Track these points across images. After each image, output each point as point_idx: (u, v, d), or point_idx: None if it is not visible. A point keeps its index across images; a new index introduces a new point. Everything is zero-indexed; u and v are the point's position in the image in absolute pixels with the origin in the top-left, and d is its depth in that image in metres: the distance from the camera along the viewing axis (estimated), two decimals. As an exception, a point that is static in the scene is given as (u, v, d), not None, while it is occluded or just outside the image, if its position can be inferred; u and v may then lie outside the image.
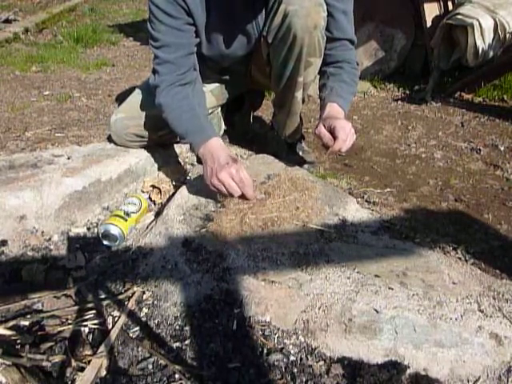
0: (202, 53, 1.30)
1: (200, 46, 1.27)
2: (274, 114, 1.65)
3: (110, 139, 1.51)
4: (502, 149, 1.77)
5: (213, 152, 1.13)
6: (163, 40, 1.18)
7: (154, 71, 1.23)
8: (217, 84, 1.52)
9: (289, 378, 0.79)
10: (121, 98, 2.19)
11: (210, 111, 1.53)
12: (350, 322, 0.85)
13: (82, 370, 0.79)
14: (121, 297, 0.97)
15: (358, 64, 1.35)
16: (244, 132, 1.84)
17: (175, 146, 1.57)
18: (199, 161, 1.26)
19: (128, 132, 1.41)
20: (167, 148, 1.54)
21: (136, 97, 1.44)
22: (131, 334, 0.88)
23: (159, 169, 1.50)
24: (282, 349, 0.84)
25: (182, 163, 1.54)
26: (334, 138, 1.15)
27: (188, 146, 1.24)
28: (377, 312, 0.86)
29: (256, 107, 1.88)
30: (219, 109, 1.62)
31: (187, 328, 0.89)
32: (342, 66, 1.31)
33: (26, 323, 0.88)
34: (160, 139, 1.45)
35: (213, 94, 1.51)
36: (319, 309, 0.88)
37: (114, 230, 1.12)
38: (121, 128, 1.41)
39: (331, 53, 1.29)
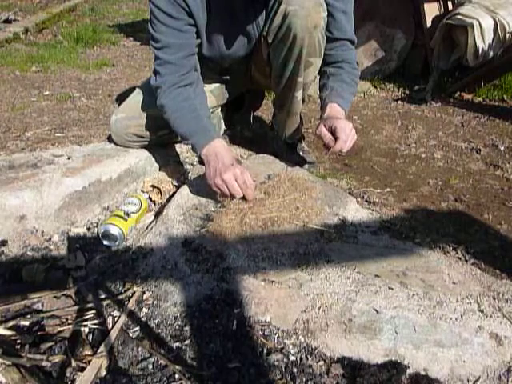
0: (202, 54, 1.30)
1: (200, 46, 1.27)
2: (274, 114, 1.65)
3: (110, 139, 1.51)
4: (502, 149, 1.77)
5: (217, 153, 1.13)
6: (164, 41, 1.18)
7: (155, 72, 1.23)
8: (217, 84, 1.52)
9: (289, 378, 0.79)
10: (121, 98, 2.19)
11: (210, 111, 1.53)
12: (350, 322, 0.85)
13: (82, 370, 0.79)
14: (121, 297, 0.97)
15: (358, 64, 1.36)
16: (244, 132, 1.84)
17: (175, 146, 1.57)
18: (201, 162, 1.27)
19: (128, 132, 1.41)
20: (167, 148, 1.54)
21: (136, 97, 1.44)
22: (131, 334, 0.88)
23: (159, 169, 1.50)
24: (282, 349, 0.84)
25: (182, 163, 1.54)
26: (335, 138, 1.15)
27: (189, 146, 1.24)
28: (377, 312, 0.86)
29: (256, 107, 1.88)
30: (219, 109, 1.62)
31: (187, 328, 0.89)
32: (342, 66, 1.31)
33: (26, 323, 0.88)
34: (160, 139, 1.45)
35: (213, 94, 1.51)
36: (319, 309, 0.88)
37: (114, 230, 1.12)
38: (121, 128, 1.41)
39: (331, 53, 1.29)
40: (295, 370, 0.80)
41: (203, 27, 1.22)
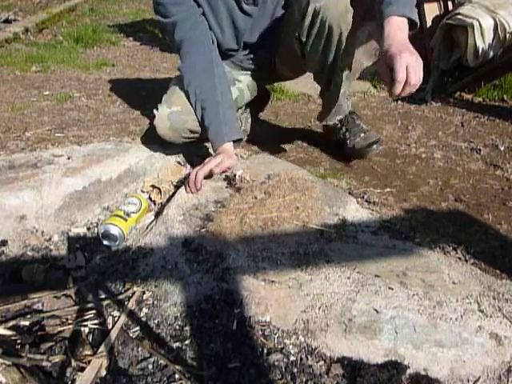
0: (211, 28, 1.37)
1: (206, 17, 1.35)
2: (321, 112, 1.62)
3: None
4: (502, 149, 1.77)
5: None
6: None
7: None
8: (250, 78, 1.56)
9: (289, 378, 0.79)
10: (121, 98, 2.19)
11: (243, 105, 1.62)
12: (350, 322, 0.85)
13: (82, 370, 0.79)
14: (121, 297, 0.97)
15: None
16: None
17: (175, 145, 1.57)
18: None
19: (185, 127, 1.37)
20: (167, 148, 1.54)
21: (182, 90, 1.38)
22: (131, 334, 0.88)
23: (159, 169, 1.50)
24: (282, 349, 0.84)
25: (182, 163, 1.54)
26: (393, 79, 1.04)
27: (189, 144, 1.31)
28: (377, 312, 0.86)
29: (261, 109, 1.90)
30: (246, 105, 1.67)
31: (187, 328, 0.89)
32: None
33: (26, 323, 0.88)
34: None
35: (249, 89, 1.57)
36: (319, 309, 0.88)
37: (114, 230, 1.12)
38: (179, 123, 1.36)
39: None
40: (295, 370, 0.80)
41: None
